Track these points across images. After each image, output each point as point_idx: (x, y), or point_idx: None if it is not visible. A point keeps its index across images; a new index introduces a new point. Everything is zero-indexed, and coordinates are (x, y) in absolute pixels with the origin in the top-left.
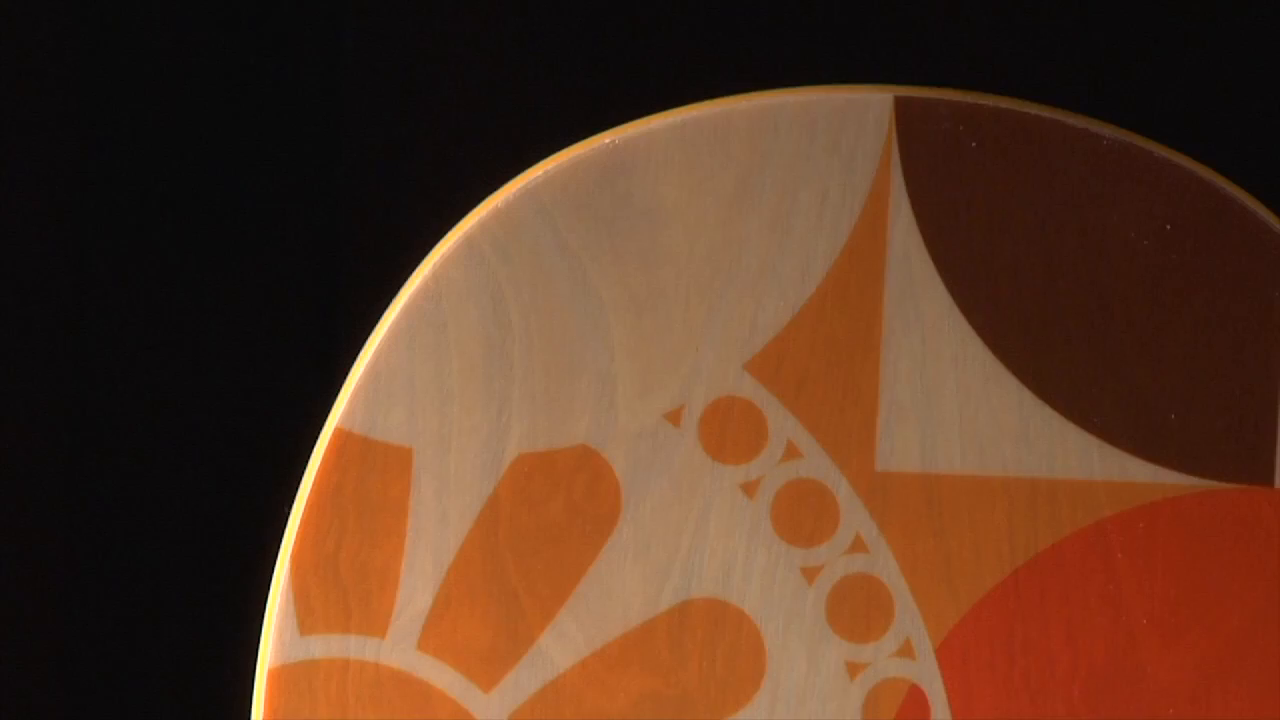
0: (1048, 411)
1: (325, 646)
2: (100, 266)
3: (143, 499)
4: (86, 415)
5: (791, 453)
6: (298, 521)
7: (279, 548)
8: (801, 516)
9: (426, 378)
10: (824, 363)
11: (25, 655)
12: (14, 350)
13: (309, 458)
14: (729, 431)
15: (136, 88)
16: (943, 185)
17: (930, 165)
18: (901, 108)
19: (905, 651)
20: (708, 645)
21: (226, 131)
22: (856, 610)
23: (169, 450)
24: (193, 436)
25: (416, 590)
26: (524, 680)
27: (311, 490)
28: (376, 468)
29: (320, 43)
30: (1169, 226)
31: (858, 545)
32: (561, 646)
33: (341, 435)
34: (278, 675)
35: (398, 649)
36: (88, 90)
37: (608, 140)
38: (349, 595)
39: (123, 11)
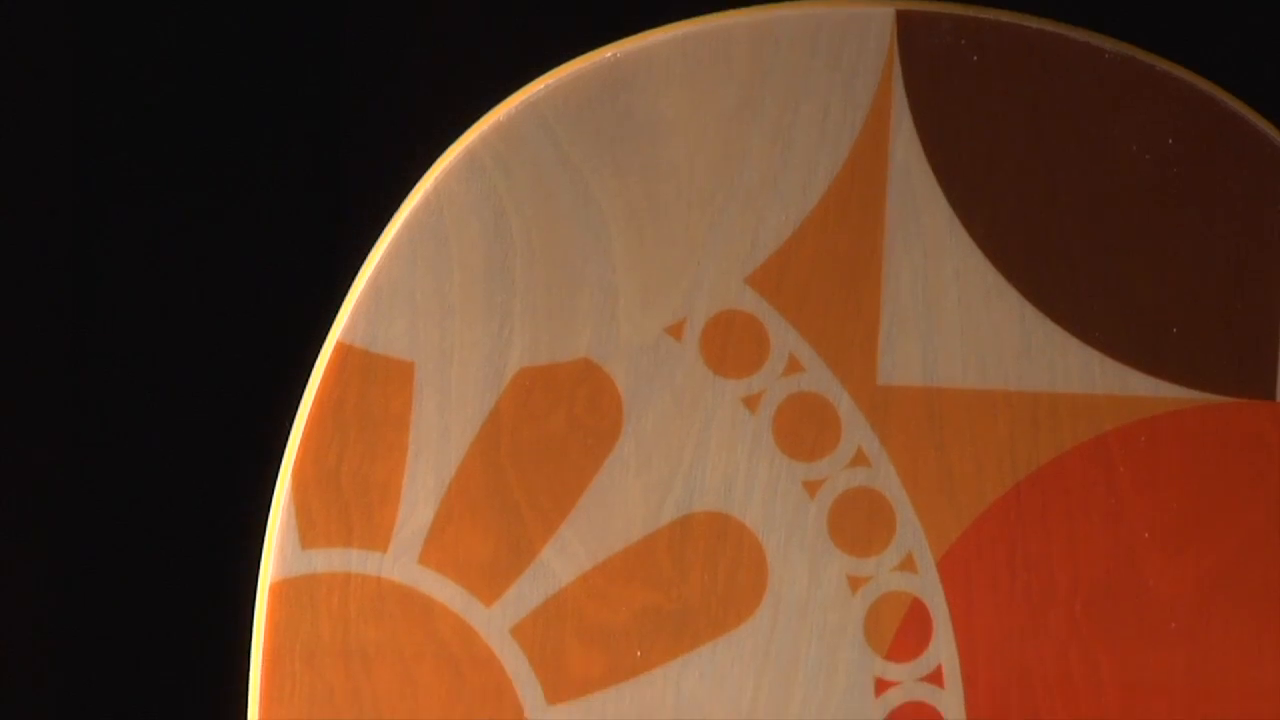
0: (1049, 325)
1: (327, 560)
2: (100, 182)
3: (144, 414)
4: (87, 328)
5: (793, 366)
6: (299, 436)
7: (281, 462)
8: (803, 430)
9: (428, 292)
10: (825, 276)
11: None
12: (14, 261)
13: (310, 372)
14: (730, 345)
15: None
16: (944, 99)
17: (931, 79)
18: (903, 21)
19: (907, 565)
20: (709, 559)
21: (228, 46)
22: (858, 524)
23: (170, 365)
24: (193, 351)
25: (418, 504)
26: (525, 594)
27: (313, 404)
28: (378, 382)
29: None
30: (1171, 140)
31: (859, 459)
32: (563, 560)
33: (343, 349)
34: (279, 589)
35: (399, 563)
36: None
37: (609, 54)
38: (350, 509)
39: None
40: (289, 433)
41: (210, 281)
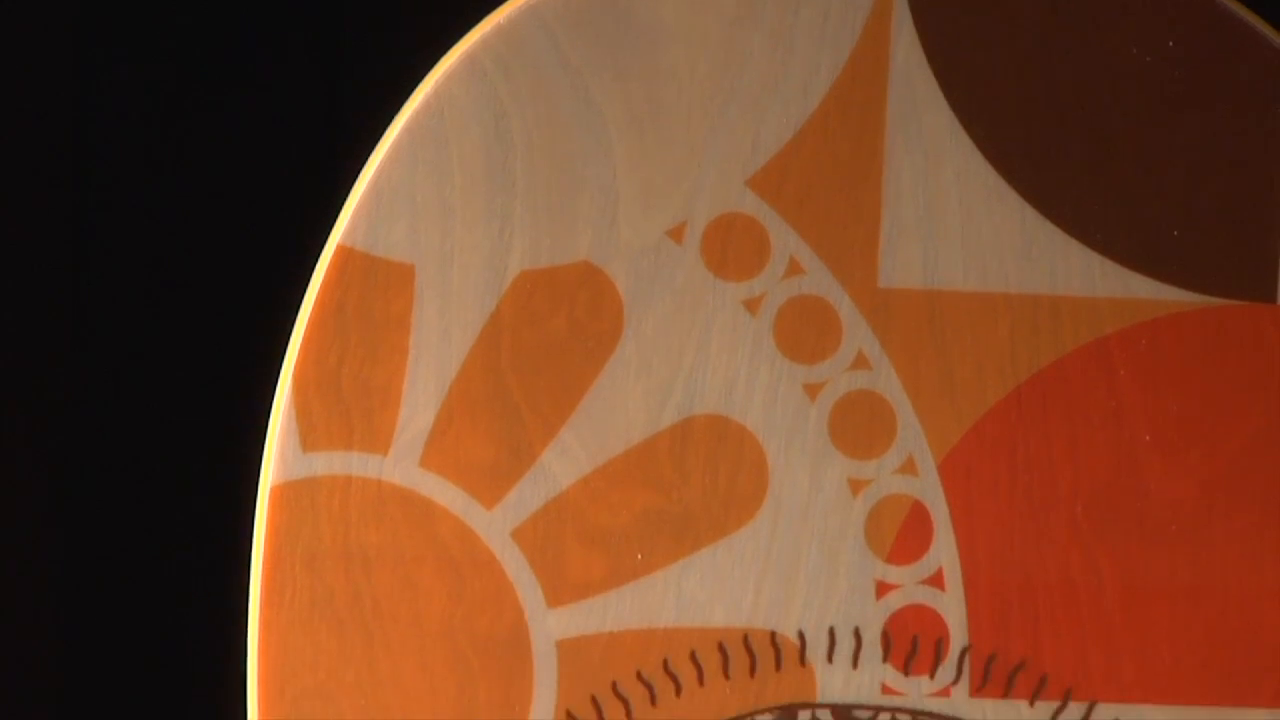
0: (1050, 228)
1: (328, 463)
2: (100, 84)
3: (144, 317)
4: (88, 229)
5: (794, 269)
6: (299, 339)
7: (281, 366)
8: (804, 333)
9: (428, 194)
10: (826, 179)
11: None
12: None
13: (311, 275)
14: (731, 248)
15: None
16: (945, 1)
17: None
18: None
19: (908, 468)
20: (710, 462)
21: None
22: (859, 427)
23: (169, 269)
24: (194, 256)
25: (418, 407)
26: (526, 497)
27: (314, 307)
28: (378, 284)
29: None
30: (1171, 43)
31: (860, 362)
32: (564, 463)
33: (343, 252)
34: (280, 492)
35: (400, 466)
36: None
37: None
38: (351, 412)
39: None
40: (289, 336)
41: (211, 186)
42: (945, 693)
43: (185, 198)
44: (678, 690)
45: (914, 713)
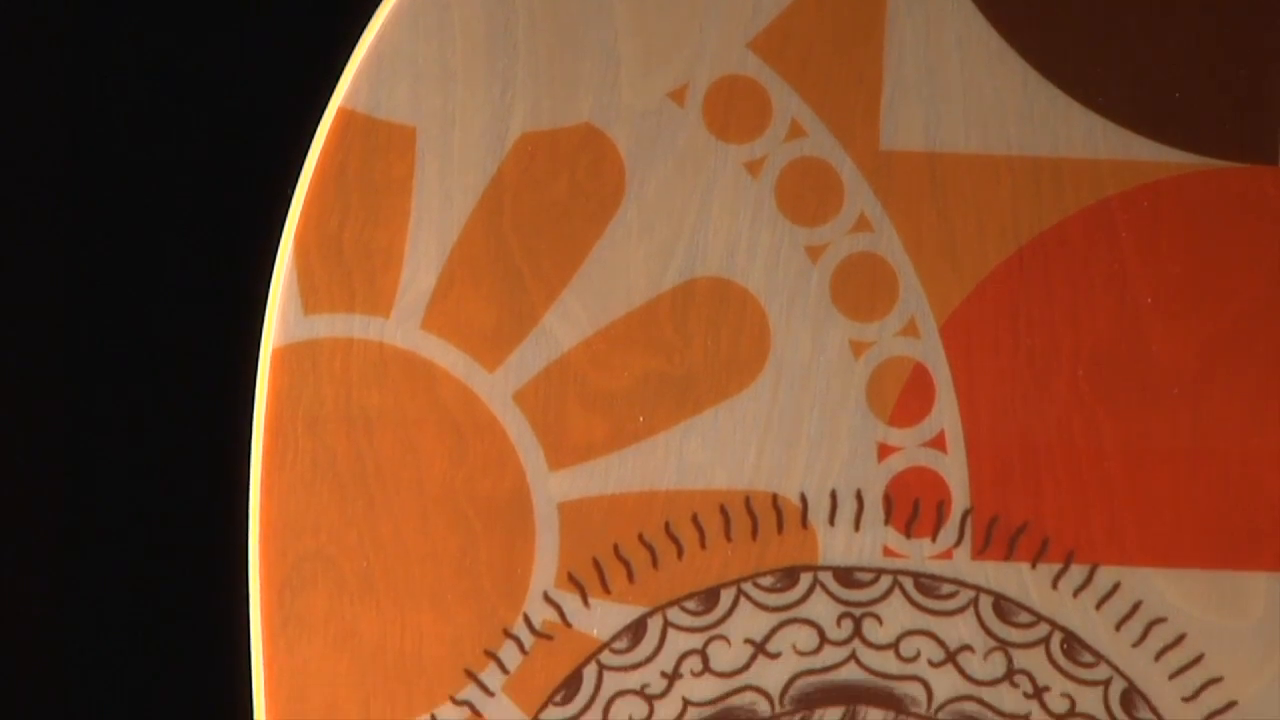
0: (1052, 90)
1: (329, 326)
2: None
3: (143, 182)
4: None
5: (795, 131)
6: (301, 202)
7: (283, 229)
8: (805, 195)
9: (430, 57)
10: (828, 41)
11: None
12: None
13: (313, 138)
14: (733, 110)
15: None
16: None
17: None
18: None
19: (909, 330)
20: (711, 324)
21: None
22: (861, 289)
23: (170, 133)
24: (194, 117)
25: (420, 269)
26: (528, 359)
27: (315, 170)
28: (380, 147)
29: None
30: None
31: (862, 224)
32: (565, 325)
33: (345, 115)
34: (282, 354)
35: (401, 328)
36: None
37: None
38: (353, 275)
39: None
40: (291, 199)
41: (212, 46)
42: (947, 555)
43: (186, 62)
44: (679, 553)
45: (916, 575)
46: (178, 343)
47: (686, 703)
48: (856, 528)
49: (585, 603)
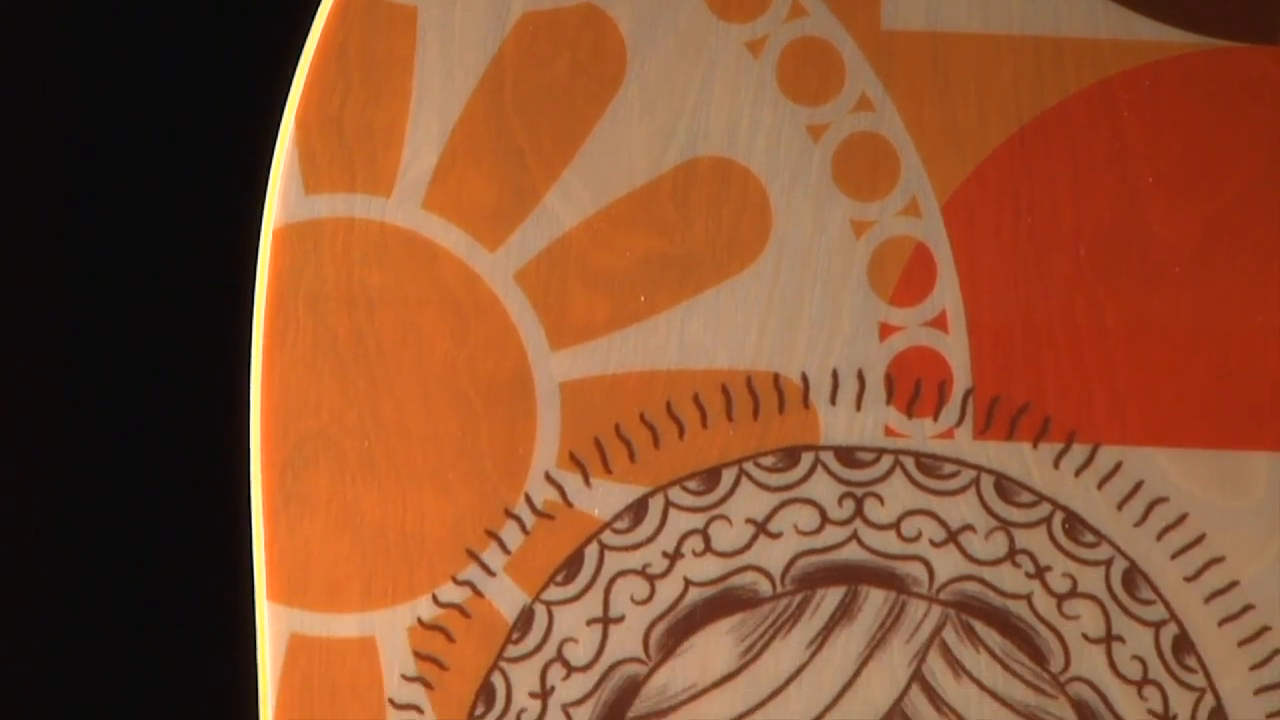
0: None
1: (330, 205)
2: None
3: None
4: None
5: (797, 10)
6: (302, 81)
7: (284, 109)
8: (807, 75)
9: None
10: None
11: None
12: None
13: (314, 18)
14: None
15: None
16: None
17: None
18: None
19: (911, 210)
20: (713, 204)
21: None
22: (862, 168)
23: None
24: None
25: (421, 149)
26: (529, 239)
27: (316, 50)
28: (381, 26)
29: None
30: None
31: (863, 104)
32: (567, 205)
33: None
34: (283, 234)
35: (403, 208)
36: None
37: None
38: (354, 154)
39: None
40: (291, 79)
41: None
42: (948, 435)
43: None
44: (681, 432)
45: (917, 455)
46: (178, 224)
47: (688, 582)
48: (858, 407)
49: (587, 482)
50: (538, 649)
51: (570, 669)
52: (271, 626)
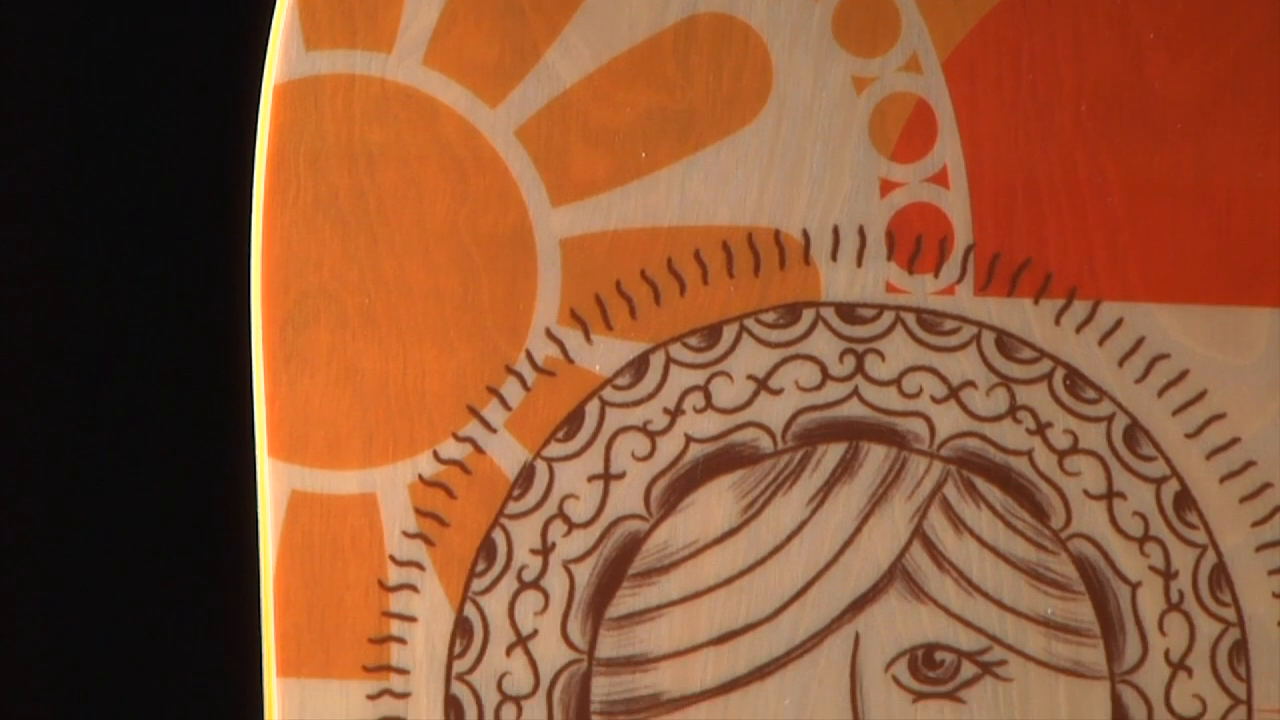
0: None
1: (331, 62)
2: None
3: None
4: None
5: None
6: None
7: None
8: None
9: None
10: None
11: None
12: None
13: None
14: None
15: None
16: None
17: None
18: None
19: (912, 66)
20: (714, 60)
21: None
22: (863, 24)
23: None
24: None
25: (422, 5)
26: (530, 95)
27: None
28: None
29: None
30: None
31: None
32: (568, 62)
33: None
34: (283, 91)
35: (404, 64)
36: None
37: None
38: (354, 10)
39: None
40: None
41: None
42: (949, 291)
43: None
44: (682, 289)
45: (918, 311)
46: (178, 83)
47: (689, 439)
48: (859, 264)
49: (588, 339)
50: (539, 505)
51: (571, 525)
52: (272, 484)
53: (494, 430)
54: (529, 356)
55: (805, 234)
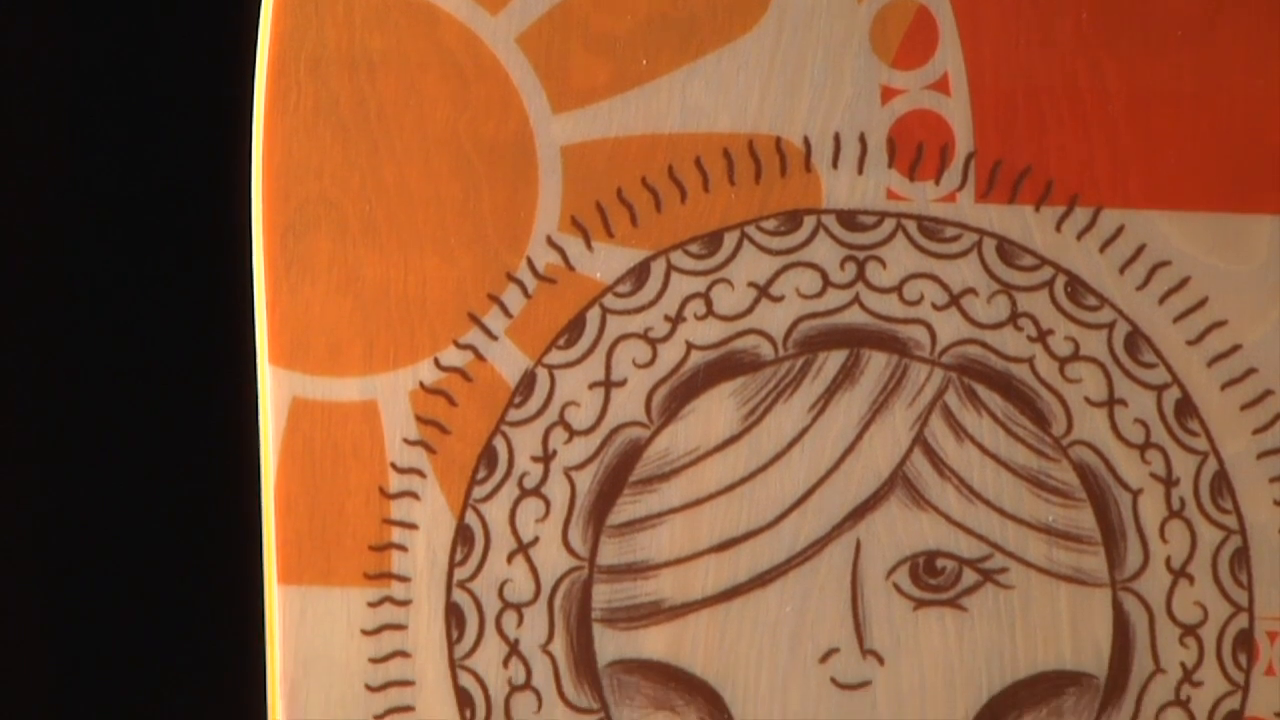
0: None
1: None
2: None
3: None
4: None
5: None
6: None
7: None
8: None
9: None
10: None
11: None
12: None
13: None
14: None
15: None
16: None
17: None
18: None
19: None
20: None
21: None
22: None
23: None
24: None
25: None
26: (531, 2)
27: None
28: None
29: None
30: None
31: None
32: None
33: None
34: None
35: None
36: None
37: None
38: None
39: None
40: None
41: None
42: (950, 198)
43: None
44: (683, 196)
45: (919, 218)
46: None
47: (690, 346)
48: (860, 171)
49: (588, 246)
50: (540, 413)
51: (572, 433)
52: (273, 391)
53: (495, 337)
54: (530, 264)
55: (806, 141)
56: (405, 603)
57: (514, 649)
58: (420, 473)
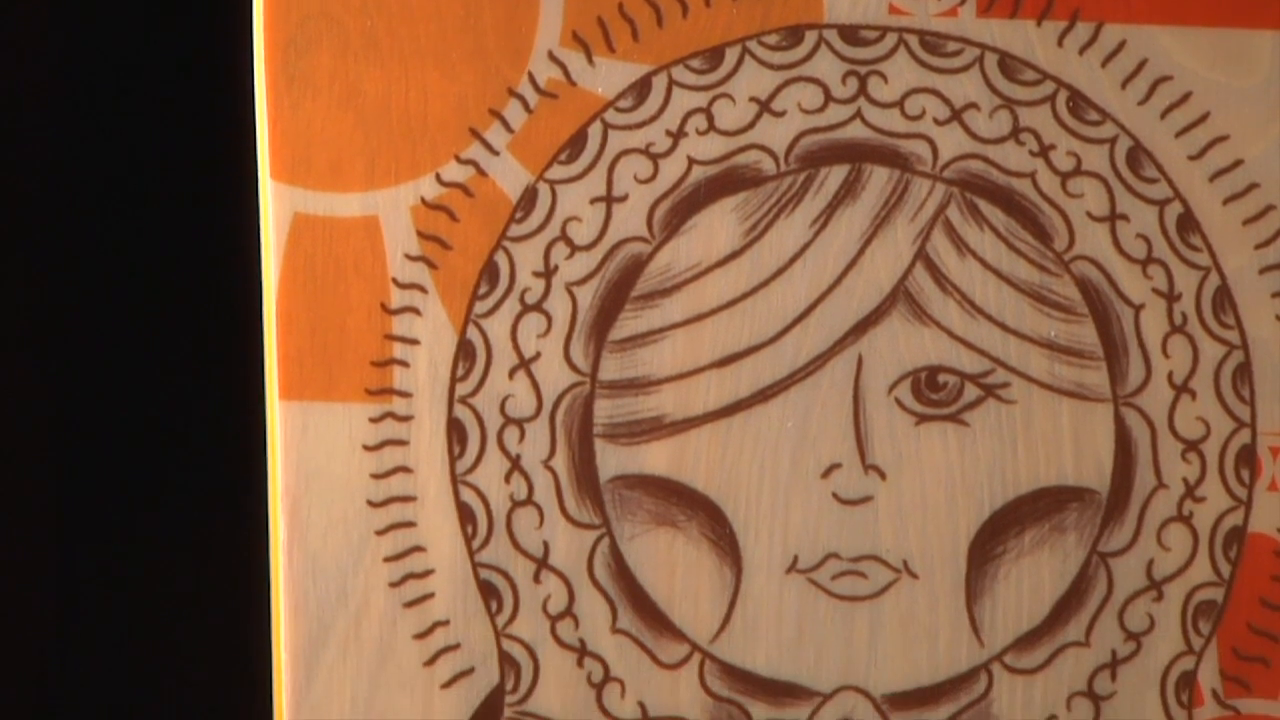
0: None
1: None
2: None
3: None
4: None
5: None
6: None
7: None
8: None
9: None
10: None
11: None
12: None
13: None
14: None
15: None
16: None
17: None
18: None
19: None
20: None
21: None
22: None
23: None
24: None
25: None
26: None
27: None
28: None
29: None
30: None
31: None
32: None
33: None
34: None
35: None
36: None
37: None
38: None
39: None
40: None
41: None
42: (952, 13)
43: None
44: (684, 11)
45: (921, 33)
46: None
47: (691, 161)
48: None
49: (590, 61)
50: (541, 228)
51: (574, 248)
52: (275, 206)
53: (496, 153)
54: (531, 79)
55: None
56: (407, 418)
57: (515, 464)
58: (422, 288)
